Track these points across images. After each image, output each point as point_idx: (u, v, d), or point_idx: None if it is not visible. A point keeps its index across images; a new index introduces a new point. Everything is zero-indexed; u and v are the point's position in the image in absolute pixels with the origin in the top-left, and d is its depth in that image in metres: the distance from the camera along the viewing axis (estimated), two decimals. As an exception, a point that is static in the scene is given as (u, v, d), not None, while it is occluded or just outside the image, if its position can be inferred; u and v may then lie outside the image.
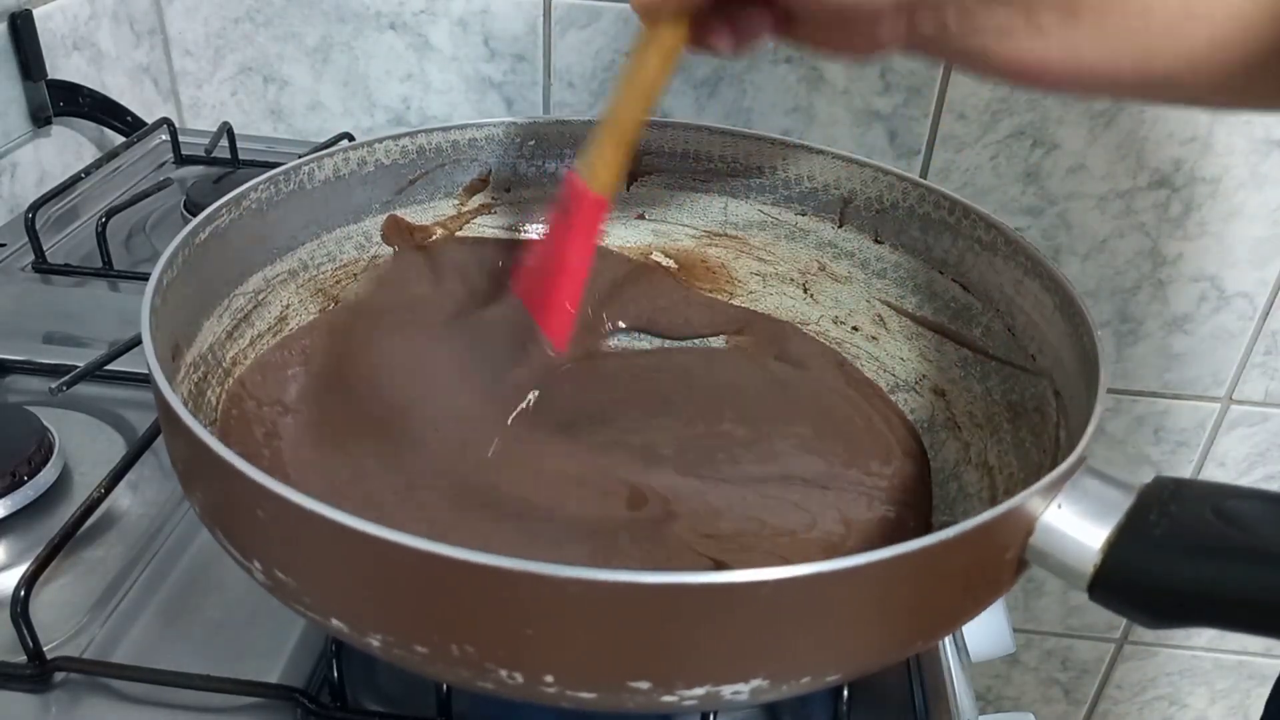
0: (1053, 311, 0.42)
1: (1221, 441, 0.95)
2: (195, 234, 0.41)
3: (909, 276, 0.51)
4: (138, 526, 0.47)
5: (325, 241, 0.50)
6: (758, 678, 0.29)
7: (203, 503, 0.34)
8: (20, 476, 0.46)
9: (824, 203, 0.53)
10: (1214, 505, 0.30)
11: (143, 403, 0.54)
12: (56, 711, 0.39)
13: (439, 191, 0.53)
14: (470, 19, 0.82)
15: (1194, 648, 1.08)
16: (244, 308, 0.45)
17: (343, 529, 0.27)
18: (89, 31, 0.79)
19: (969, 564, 0.31)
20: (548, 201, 0.55)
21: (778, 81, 0.82)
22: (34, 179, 0.75)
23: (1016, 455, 0.42)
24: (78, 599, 0.43)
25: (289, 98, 0.88)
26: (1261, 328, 0.89)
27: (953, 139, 0.83)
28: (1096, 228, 0.85)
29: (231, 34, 0.85)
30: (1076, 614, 1.06)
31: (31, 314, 0.61)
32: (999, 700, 1.14)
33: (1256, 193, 0.83)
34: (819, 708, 0.41)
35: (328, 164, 0.49)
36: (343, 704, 0.39)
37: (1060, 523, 0.31)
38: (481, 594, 0.27)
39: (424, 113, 0.87)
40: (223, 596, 0.43)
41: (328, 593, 0.31)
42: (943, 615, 0.32)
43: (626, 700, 0.29)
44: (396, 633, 0.29)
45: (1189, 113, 0.80)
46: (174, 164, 0.79)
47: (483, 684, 0.29)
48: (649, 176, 0.55)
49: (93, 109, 0.78)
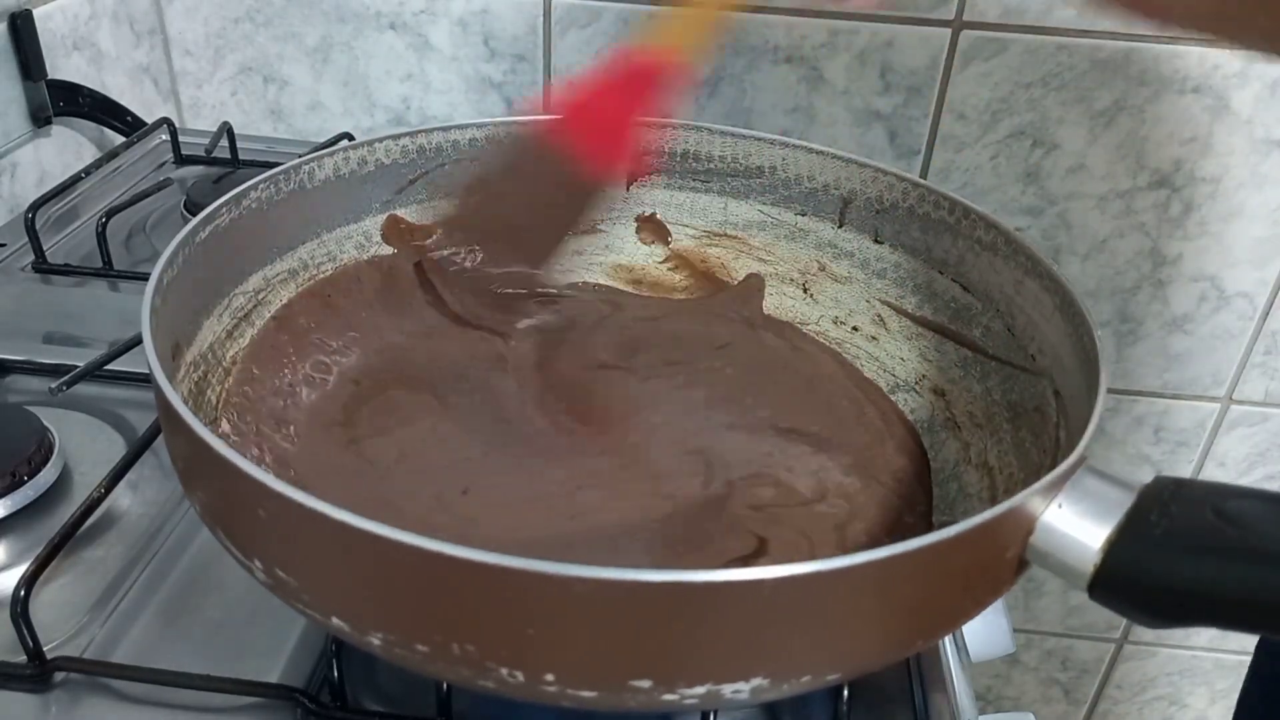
0: (1053, 311, 0.42)
1: (1221, 441, 0.95)
2: (195, 233, 0.41)
3: (909, 277, 0.51)
4: (138, 526, 0.47)
5: (325, 241, 0.50)
6: (758, 676, 0.29)
7: (203, 502, 0.34)
8: (20, 476, 0.46)
9: (824, 203, 0.53)
10: (1214, 505, 0.30)
11: (143, 402, 0.54)
12: (56, 711, 0.39)
13: (439, 191, 0.53)
14: (470, 19, 0.82)
15: (1194, 648, 1.08)
16: (244, 307, 0.45)
17: (344, 528, 0.27)
18: (89, 31, 0.79)
19: (970, 563, 0.31)
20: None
21: (778, 81, 0.82)
22: (34, 179, 0.75)
23: (1016, 455, 0.42)
24: (78, 599, 0.43)
25: (289, 98, 0.88)
26: (1261, 328, 0.89)
27: (953, 139, 0.83)
28: (1096, 228, 0.85)
29: (231, 34, 0.85)
30: (1076, 614, 1.06)
31: (31, 314, 0.61)
32: (999, 700, 1.14)
33: (1256, 193, 0.83)
34: (819, 707, 0.41)
35: (328, 163, 0.49)
36: (343, 704, 0.39)
37: (1061, 522, 0.31)
38: (483, 593, 0.27)
39: (424, 113, 0.87)
40: (223, 596, 0.43)
41: (329, 591, 0.30)
42: (943, 614, 0.32)
43: (628, 699, 0.29)
44: (397, 631, 0.29)
45: (1189, 113, 0.80)
46: (174, 164, 0.79)
47: (484, 683, 0.29)
48: (649, 176, 0.55)
49: (93, 109, 0.78)
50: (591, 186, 0.42)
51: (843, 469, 0.45)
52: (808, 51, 0.80)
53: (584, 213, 0.43)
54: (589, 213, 0.44)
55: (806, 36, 0.79)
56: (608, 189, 0.44)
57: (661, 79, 0.41)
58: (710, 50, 0.42)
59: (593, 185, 0.42)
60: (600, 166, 0.42)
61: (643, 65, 0.41)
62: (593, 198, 0.43)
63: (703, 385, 0.50)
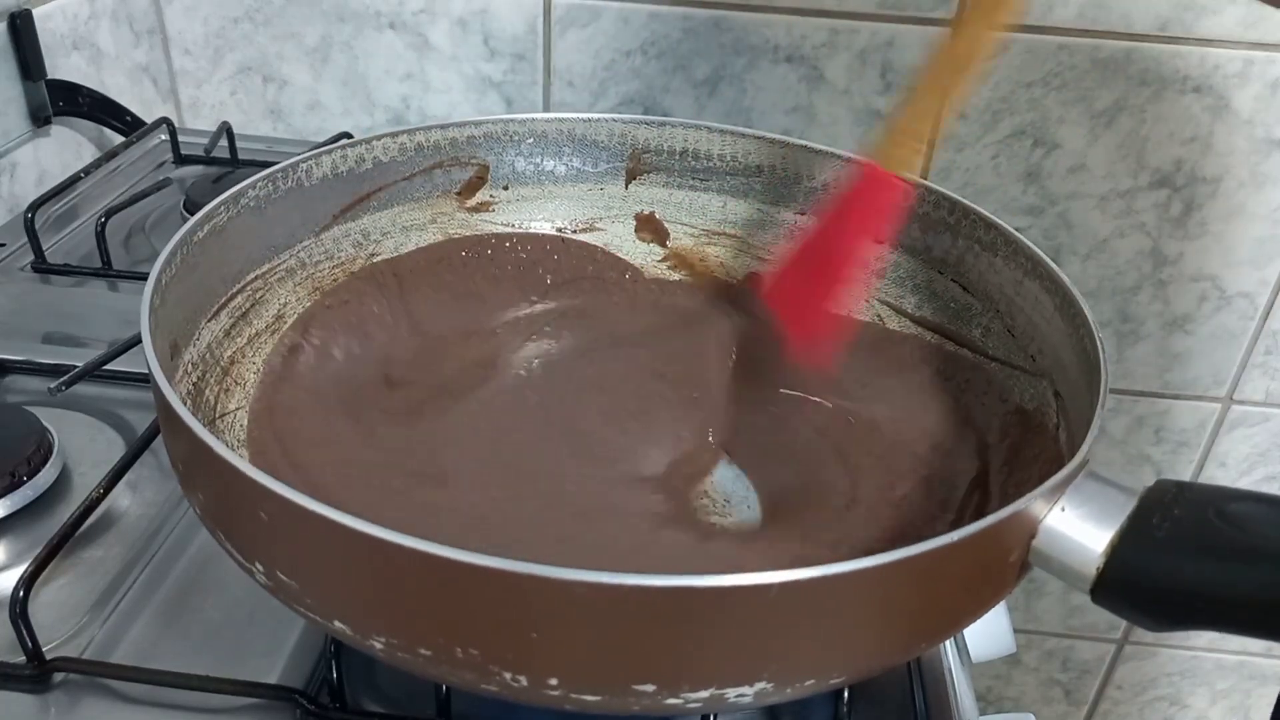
0: (1053, 312, 0.42)
1: (1222, 441, 0.95)
2: (193, 233, 0.41)
3: (908, 276, 0.50)
4: (137, 526, 0.47)
5: (323, 239, 0.49)
6: (762, 680, 0.29)
7: (203, 504, 0.34)
8: (20, 476, 0.46)
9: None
10: (1216, 508, 0.30)
11: (142, 402, 0.54)
12: (56, 712, 0.39)
13: (436, 189, 0.53)
14: (470, 18, 0.82)
15: (1195, 648, 1.08)
16: (242, 306, 0.45)
17: (347, 531, 0.27)
18: (89, 31, 0.79)
19: (973, 567, 0.31)
20: (545, 200, 0.55)
21: (778, 81, 0.82)
22: (33, 179, 0.75)
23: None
24: (77, 599, 0.43)
25: (288, 97, 0.88)
26: (1262, 328, 0.89)
27: (953, 139, 0.83)
28: (1097, 228, 0.85)
29: (231, 34, 0.85)
30: (1077, 614, 1.06)
31: (31, 314, 0.61)
32: (999, 701, 1.14)
33: (1257, 193, 0.83)
34: (819, 708, 0.41)
35: (325, 161, 0.48)
36: (342, 705, 0.39)
37: (1063, 526, 0.31)
38: (487, 597, 0.27)
39: (424, 112, 0.87)
40: (222, 596, 0.43)
41: (331, 595, 0.30)
42: (946, 617, 0.32)
43: (631, 703, 0.29)
44: (401, 635, 0.29)
45: (1190, 112, 0.80)
46: (173, 163, 0.79)
47: (487, 687, 0.29)
48: (648, 175, 0.55)
49: (92, 109, 0.77)
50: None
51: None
52: (808, 51, 0.80)
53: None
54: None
55: (807, 36, 0.79)
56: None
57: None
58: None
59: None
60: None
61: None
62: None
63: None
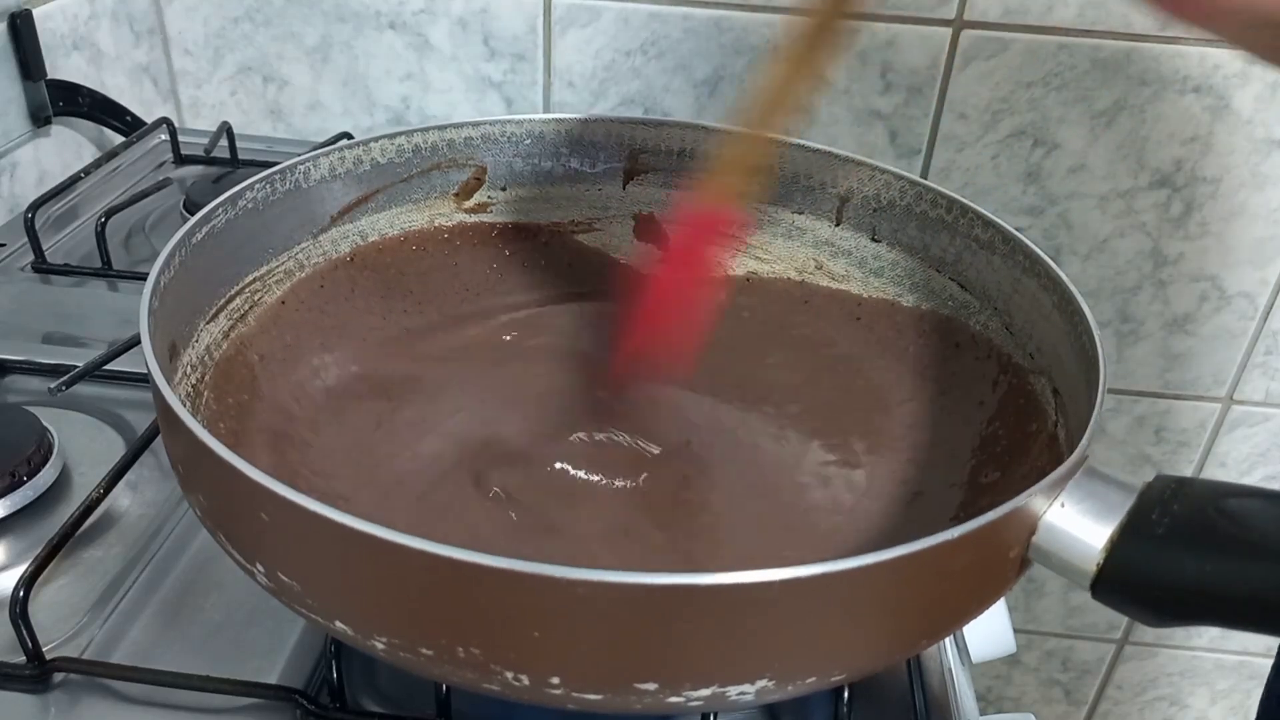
0: (1051, 310, 0.42)
1: (1222, 442, 0.95)
2: (192, 234, 0.41)
3: (906, 275, 0.50)
4: (137, 527, 0.47)
5: (321, 241, 0.49)
6: (764, 678, 0.29)
7: (203, 504, 0.33)
8: (20, 476, 0.46)
9: (821, 201, 0.52)
10: (1216, 503, 0.30)
11: (142, 403, 0.54)
12: (56, 712, 0.39)
13: (435, 190, 0.53)
14: (470, 18, 0.82)
15: (1195, 648, 1.08)
16: (240, 308, 0.45)
17: (349, 531, 0.27)
18: (89, 31, 0.79)
19: (974, 563, 0.31)
20: (544, 200, 0.55)
21: (778, 81, 0.82)
22: (33, 179, 0.75)
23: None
24: (77, 599, 0.43)
25: (288, 97, 0.88)
26: (1262, 328, 0.89)
27: (953, 139, 0.83)
28: (1097, 227, 0.85)
29: (231, 34, 0.85)
30: (1077, 614, 1.06)
31: (31, 314, 0.61)
32: (999, 701, 1.14)
33: (1257, 193, 0.83)
34: (819, 707, 0.41)
35: (324, 163, 0.48)
36: (342, 705, 0.39)
37: (1063, 521, 0.31)
38: (489, 597, 0.27)
39: (424, 112, 0.87)
40: (222, 597, 0.43)
41: (332, 596, 0.30)
42: (947, 614, 0.32)
43: (633, 702, 0.29)
44: (402, 635, 0.29)
45: (1190, 112, 0.80)
46: (173, 164, 0.79)
47: (488, 686, 0.29)
48: (646, 175, 0.55)
49: (92, 109, 0.77)
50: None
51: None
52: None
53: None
54: None
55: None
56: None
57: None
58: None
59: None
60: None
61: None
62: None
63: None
